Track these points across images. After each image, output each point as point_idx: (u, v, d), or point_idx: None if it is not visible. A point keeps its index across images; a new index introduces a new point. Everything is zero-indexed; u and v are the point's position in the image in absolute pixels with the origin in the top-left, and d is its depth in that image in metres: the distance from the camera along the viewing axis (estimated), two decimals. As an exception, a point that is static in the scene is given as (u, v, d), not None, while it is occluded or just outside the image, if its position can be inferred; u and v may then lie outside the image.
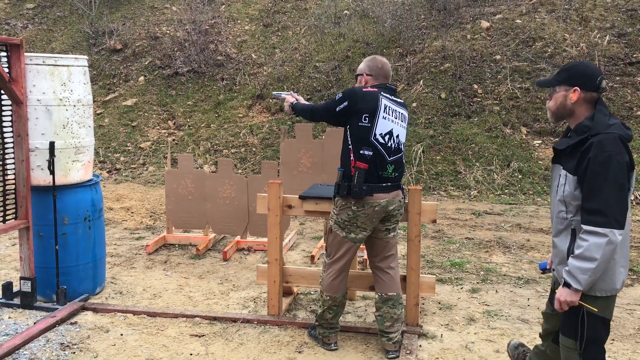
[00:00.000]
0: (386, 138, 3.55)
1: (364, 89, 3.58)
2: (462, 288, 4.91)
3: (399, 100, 3.69)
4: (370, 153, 3.51)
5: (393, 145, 3.59)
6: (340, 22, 12.24)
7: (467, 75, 10.24)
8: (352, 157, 3.53)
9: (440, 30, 11.25)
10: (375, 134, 3.52)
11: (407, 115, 3.73)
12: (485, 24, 11.11)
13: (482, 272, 5.31)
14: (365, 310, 4.42)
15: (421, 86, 10.24)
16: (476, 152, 9.02)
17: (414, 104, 9.95)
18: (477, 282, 5.05)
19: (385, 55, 11.07)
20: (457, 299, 4.65)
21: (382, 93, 3.57)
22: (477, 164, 8.84)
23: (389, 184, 3.60)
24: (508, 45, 10.54)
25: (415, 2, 12.30)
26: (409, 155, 9.03)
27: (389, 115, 3.56)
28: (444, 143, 9.26)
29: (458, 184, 8.57)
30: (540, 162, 8.76)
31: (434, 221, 4.04)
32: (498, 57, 10.39)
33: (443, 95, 10.01)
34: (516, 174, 8.61)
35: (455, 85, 10.09)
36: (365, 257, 5.34)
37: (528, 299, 4.68)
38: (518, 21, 10.97)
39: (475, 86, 10.06)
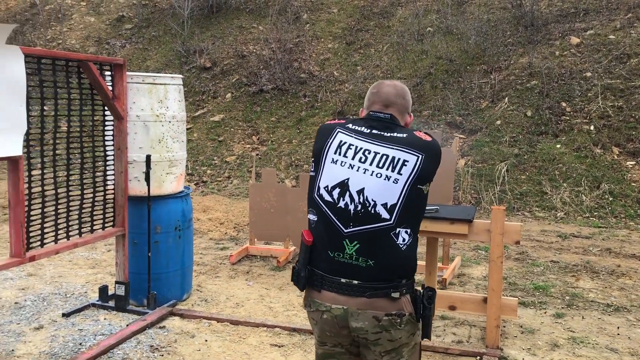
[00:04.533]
0: (335, 194, 2.14)
1: (327, 122, 2.35)
2: (545, 312, 4.76)
3: (393, 134, 2.18)
4: (315, 218, 2.21)
5: (352, 207, 2.10)
6: (423, 39, 12.21)
7: (554, 92, 9.92)
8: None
9: (527, 47, 10.98)
10: (318, 188, 2.20)
11: (409, 159, 2.10)
12: (575, 40, 10.74)
13: (567, 297, 5.12)
14: (444, 330, 4.38)
15: (506, 103, 10.02)
16: (563, 172, 8.70)
17: (498, 122, 9.75)
18: (562, 307, 4.88)
19: (469, 72, 10.93)
20: (540, 324, 4.51)
21: (346, 125, 2.23)
22: (564, 184, 8.53)
23: (355, 281, 2.10)
24: (600, 62, 10.13)
25: (502, 19, 12.08)
26: (492, 175, 8.84)
27: (342, 157, 2.16)
28: (529, 162, 9.00)
29: (544, 205, 8.30)
30: (633, 184, 8.33)
31: (518, 242, 3.97)
32: (588, 74, 10.01)
33: (529, 113, 9.75)
34: (607, 196, 8.23)
35: (542, 103, 9.80)
36: (445, 276, 5.30)
37: (618, 327, 4.46)
38: (611, 37, 10.53)
39: (564, 104, 9.73)
